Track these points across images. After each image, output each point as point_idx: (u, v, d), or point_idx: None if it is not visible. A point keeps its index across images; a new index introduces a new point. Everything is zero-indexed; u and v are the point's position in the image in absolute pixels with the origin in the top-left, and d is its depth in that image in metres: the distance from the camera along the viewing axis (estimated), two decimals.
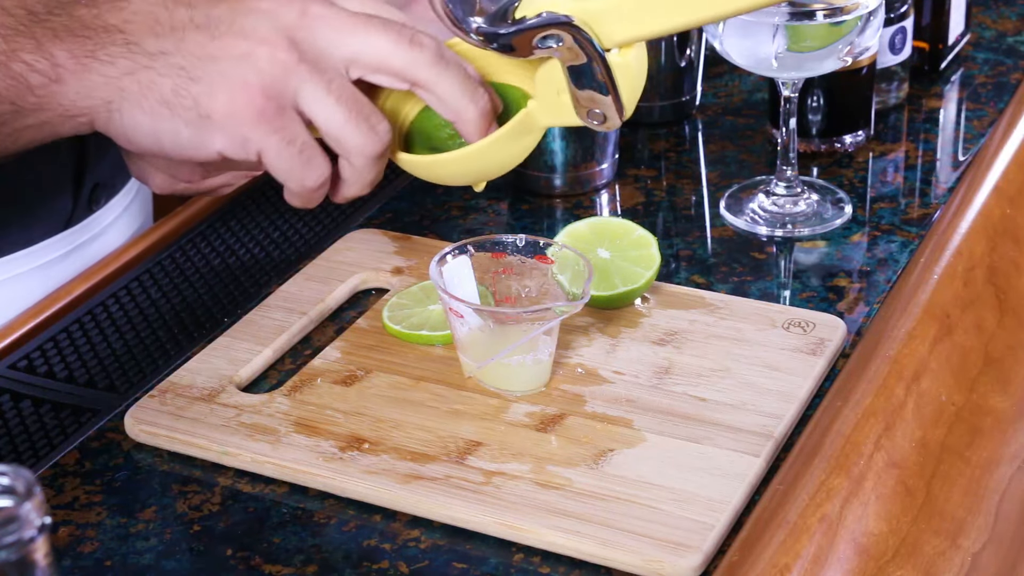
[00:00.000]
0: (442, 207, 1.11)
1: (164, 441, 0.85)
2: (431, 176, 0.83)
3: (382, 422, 0.85)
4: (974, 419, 0.91)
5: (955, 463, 0.87)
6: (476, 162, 0.81)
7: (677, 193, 1.13)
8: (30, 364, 0.95)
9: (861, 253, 1.04)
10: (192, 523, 0.80)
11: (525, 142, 0.82)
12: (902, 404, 0.87)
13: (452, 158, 0.81)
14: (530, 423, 0.85)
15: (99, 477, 0.84)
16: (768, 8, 1.00)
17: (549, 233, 1.07)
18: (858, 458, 0.82)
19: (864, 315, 0.96)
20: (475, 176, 0.84)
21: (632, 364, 0.89)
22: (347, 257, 1.02)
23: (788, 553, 0.75)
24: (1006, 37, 1.35)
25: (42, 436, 0.88)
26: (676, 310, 0.94)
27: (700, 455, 0.81)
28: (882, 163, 1.16)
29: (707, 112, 1.24)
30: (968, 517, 0.84)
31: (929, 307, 0.94)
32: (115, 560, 0.78)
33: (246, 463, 0.83)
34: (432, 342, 0.92)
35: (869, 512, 0.80)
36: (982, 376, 0.94)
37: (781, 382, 0.87)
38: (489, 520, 0.78)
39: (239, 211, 1.12)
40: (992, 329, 0.98)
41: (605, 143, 1.12)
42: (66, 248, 1.08)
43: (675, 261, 1.04)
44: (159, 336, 0.97)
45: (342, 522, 0.80)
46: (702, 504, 0.78)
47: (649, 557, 0.74)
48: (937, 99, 1.26)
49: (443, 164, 0.82)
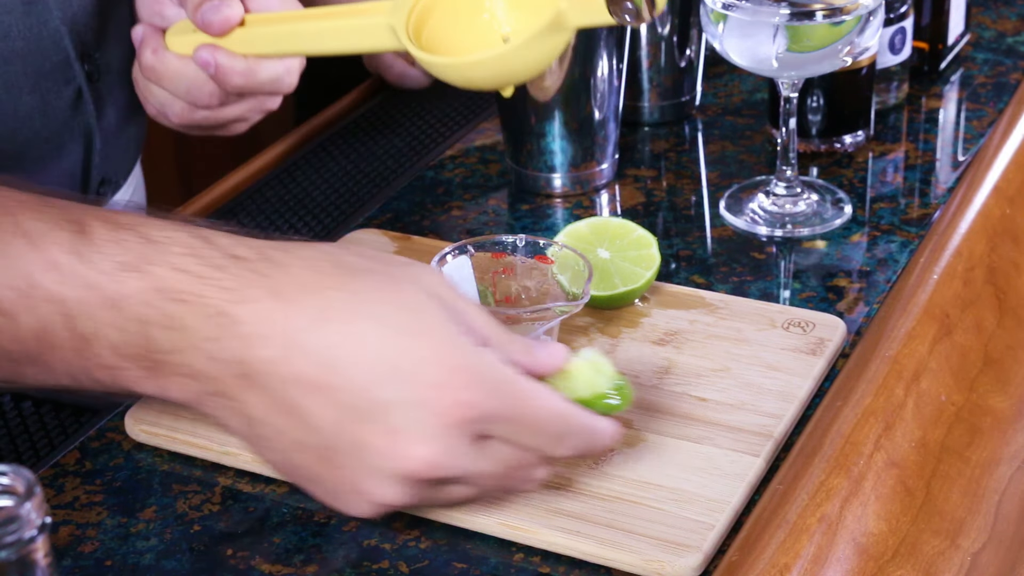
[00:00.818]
0: (442, 207, 1.11)
1: (164, 441, 0.85)
2: (460, 79, 0.81)
3: None
4: (974, 419, 0.91)
5: (955, 463, 0.87)
6: (507, 63, 0.79)
7: (677, 193, 1.13)
8: None
9: (861, 253, 1.04)
10: (192, 523, 0.80)
11: (556, 41, 0.79)
12: (902, 404, 0.87)
13: (482, 59, 0.79)
14: None
15: (99, 477, 0.84)
16: (768, 8, 1.00)
17: (549, 233, 1.07)
18: (858, 458, 0.82)
19: (864, 315, 0.96)
20: (505, 79, 0.82)
21: (632, 364, 0.89)
22: None
23: (788, 553, 0.75)
24: (1006, 37, 1.35)
25: (42, 436, 0.88)
26: (676, 310, 0.94)
27: (700, 455, 0.81)
28: (882, 163, 1.16)
29: (707, 112, 1.24)
30: (968, 517, 0.84)
31: (929, 307, 0.94)
32: (115, 560, 0.78)
33: (246, 463, 0.83)
34: None
35: (869, 512, 0.80)
36: (982, 376, 0.94)
37: (781, 382, 0.87)
38: (489, 520, 0.78)
39: (239, 211, 1.12)
40: (992, 329, 0.98)
41: (605, 143, 1.12)
42: None
43: (675, 261, 1.04)
44: None
45: (342, 522, 0.80)
46: (702, 504, 0.78)
47: (649, 557, 0.75)
48: (937, 99, 1.26)
49: (472, 66, 0.80)
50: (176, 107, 0.90)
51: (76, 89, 1.02)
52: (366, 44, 0.88)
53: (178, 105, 0.90)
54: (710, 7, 1.02)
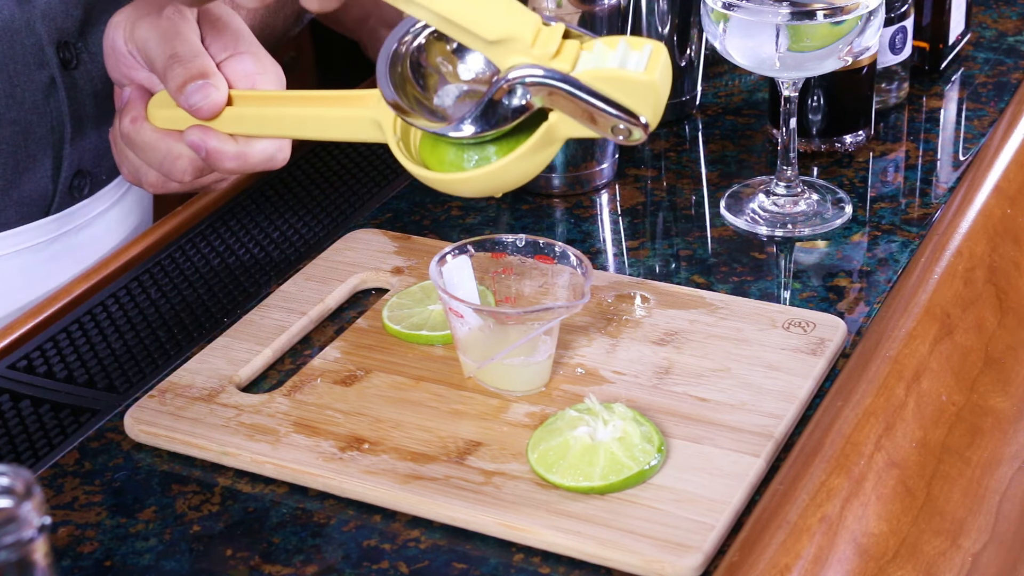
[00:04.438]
0: (442, 207, 1.11)
1: (164, 441, 0.85)
2: (454, 191, 0.82)
3: (382, 422, 0.85)
4: (974, 419, 0.91)
5: (955, 463, 0.87)
6: (499, 177, 0.80)
7: (677, 193, 1.13)
8: (30, 364, 0.95)
9: (861, 253, 1.04)
10: (192, 523, 0.80)
11: (546, 154, 0.81)
12: (902, 404, 0.87)
13: (476, 175, 0.80)
14: (530, 423, 0.84)
15: (99, 477, 0.84)
16: (769, 8, 1.00)
17: (549, 233, 1.07)
18: (858, 458, 0.82)
19: (864, 315, 0.96)
20: (497, 189, 0.83)
21: (632, 364, 0.89)
22: (347, 257, 1.02)
23: (788, 553, 0.75)
24: (1006, 37, 1.35)
25: (42, 436, 0.88)
26: (676, 310, 0.94)
27: (700, 455, 0.81)
28: (882, 163, 1.16)
29: (707, 112, 1.24)
30: (968, 517, 0.84)
31: (929, 307, 0.94)
32: (115, 560, 0.78)
33: (246, 463, 0.83)
34: (432, 342, 0.92)
35: (869, 512, 0.80)
36: (982, 376, 0.94)
37: (781, 382, 0.87)
38: (489, 520, 0.78)
39: (239, 211, 1.12)
40: (992, 329, 0.98)
41: (605, 143, 1.12)
42: (48, 236, 1.07)
43: (675, 261, 1.03)
44: (159, 336, 0.97)
45: (342, 522, 0.80)
46: (702, 504, 0.78)
47: (649, 557, 0.74)
48: (937, 99, 1.26)
49: (467, 181, 0.80)
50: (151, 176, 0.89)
51: (49, 76, 1.01)
52: (352, 135, 0.87)
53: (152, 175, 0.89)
54: (711, 7, 1.02)
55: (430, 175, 0.81)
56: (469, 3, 0.76)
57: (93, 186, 1.10)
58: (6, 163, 1.02)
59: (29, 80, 1.01)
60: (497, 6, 0.76)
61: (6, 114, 1.01)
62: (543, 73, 0.76)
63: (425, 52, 0.82)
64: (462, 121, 0.78)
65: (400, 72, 0.82)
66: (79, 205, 1.09)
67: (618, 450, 0.80)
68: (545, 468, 0.79)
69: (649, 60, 0.76)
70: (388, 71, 0.81)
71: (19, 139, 1.02)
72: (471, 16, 0.76)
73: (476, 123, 0.78)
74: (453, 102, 0.82)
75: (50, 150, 1.05)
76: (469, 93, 0.82)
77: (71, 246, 1.10)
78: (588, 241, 1.06)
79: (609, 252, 1.06)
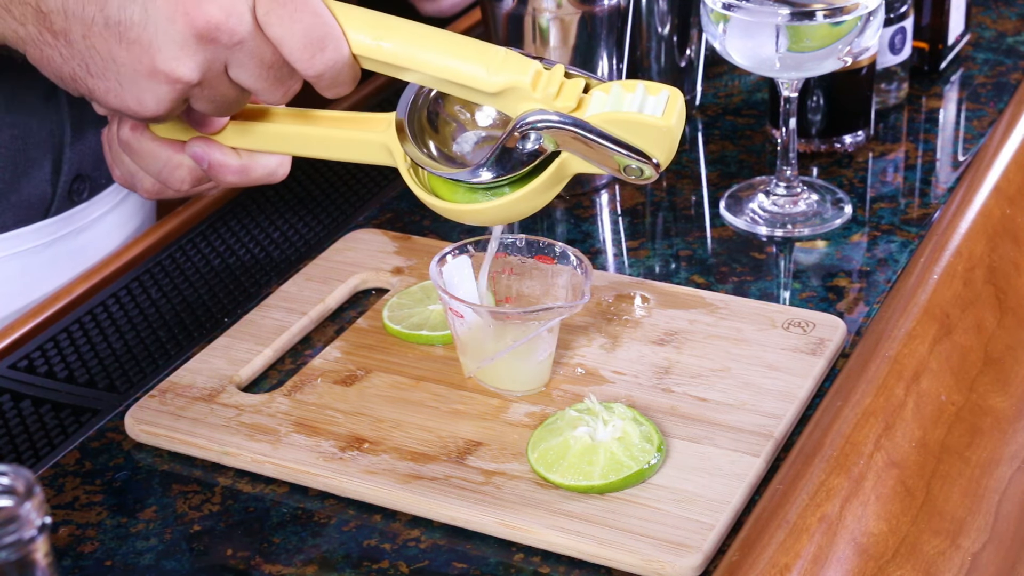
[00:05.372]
0: None
1: (164, 441, 0.85)
2: (465, 220, 0.84)
3: (382, 422, 0.85)
4: (974, 419, 0.91)
5: (955, 463, 0.87)
6: (510, 210, 0.81)
7: (677, 193, 1.13)
8: (30, 364, 0.95)
9: (861, 253, 1.04)
10: (192, 523, 0.80)
11: (557, 188, 0.82)
12: (902, 404, 0.87)
13: (488, 207, 0.81)
14: (530, 423, 0.85)
15: (99, 477, 0.84)
16: (769, 8, 1.00)
17: (549, 233, 1.07)
18: (858, 458, 0.82)
19: (864, 315, 0.96)
20: (506, 220, 0.84)
21: (632, 364, 0.89)
22: (347, 257, 1.02)
23: (788, 553, 0.75)
24: (1006, 37, 1.35)
25: (42, 436, 0.88)
26: (676, 310, 0.94)
27: (700, 455, 0.81)
28: (882, 163, 1.16)
29: (707, 112, 1.24)
30: (968, 517, 0.84)
31: (929, 307, 0.94)
32: (115, 560, 0.78)
33: (246, 463, 0.83)
34: (432, 342, 0.92)
35: (869, 512, 0.80)
36: (982, 376, 0.94)
37: (781, 382, 0.87)
38: (489, 520, 0.78)
39: (239, 211, 1.12)
40: (992, 329, 0.98)
41: None
42: (47, 238, 1.07)
43: (675, 261, 1.04)
44: (159, 336, 0.97)
45: (342, 522, 0.80)
46: (702, 504, 0.78)
47: (649, 557, 0.75)
48: (937, 99, 1.26)
49: (478, 212, 0.82)
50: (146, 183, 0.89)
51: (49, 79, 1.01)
52: (361, 157, 0.87)
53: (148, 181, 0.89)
54: (711, 7, 1.02)
55: (441, 204, 0.82)
56: (463, 62, 0.78)
57: (92, 190, 1.10)
58: (5, 166, 1.02)
59: (29, 83, 1.01)
60: (492, 59, 0.78)
61: (6, 117, 1.01)
62: (557, 119, 0.78)
63: (442, 102, 0.84)
64: (479, 168, 0.79)
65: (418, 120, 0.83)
66: (78, 208, 1.09)
67: (618, 450, 0.80)
68: (545, 468, 0.80)
69: (667, 106, 0.77)
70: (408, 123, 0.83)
71: (19, 142, 1.02)
72: (467, 74, 0.78)
73: (492, 169, 0.79)
74: (472, 148, 0.83)
75: (50, 153, 1.05)
76: (487, 139, 0.83)
77: (71, 249, 1.10)
78: (588, 241, 1.06)
79: (609, 252, 1.06)
